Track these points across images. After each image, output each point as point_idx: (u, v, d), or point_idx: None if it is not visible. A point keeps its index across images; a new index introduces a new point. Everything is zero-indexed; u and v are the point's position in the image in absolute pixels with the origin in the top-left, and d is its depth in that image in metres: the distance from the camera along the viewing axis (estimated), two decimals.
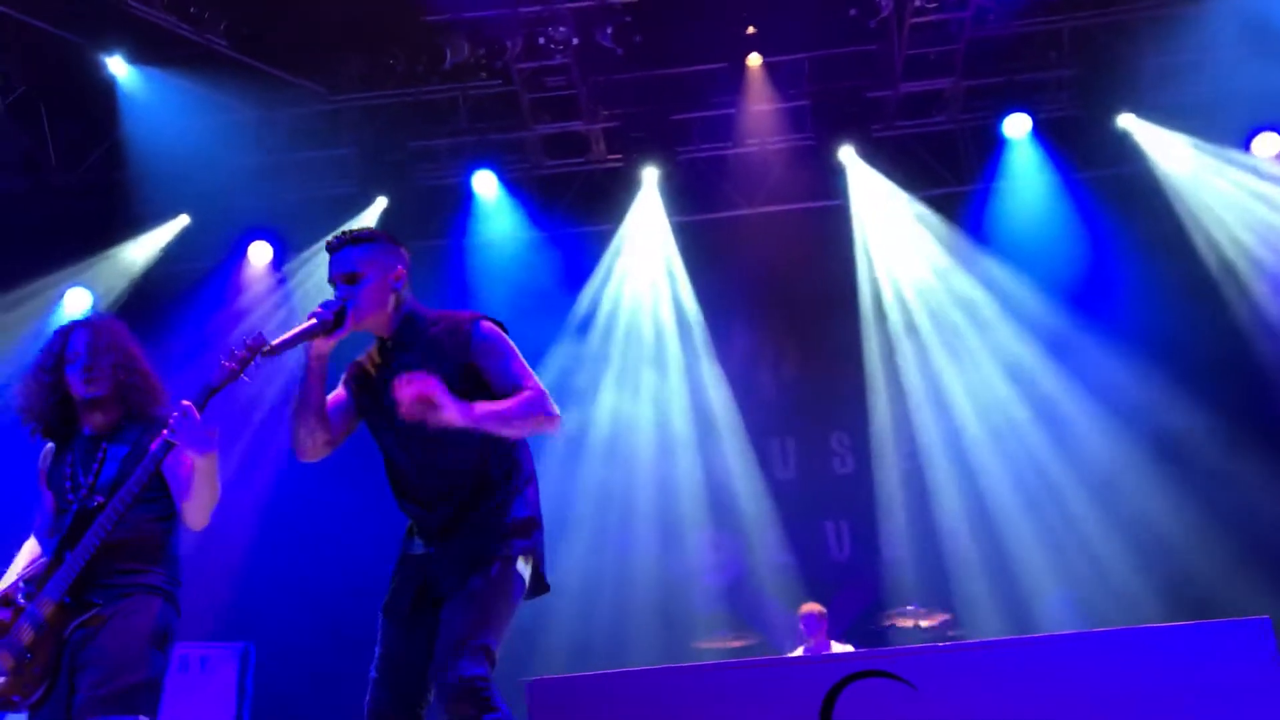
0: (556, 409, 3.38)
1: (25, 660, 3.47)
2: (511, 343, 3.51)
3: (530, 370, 3.44)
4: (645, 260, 10.04)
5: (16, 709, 3.51)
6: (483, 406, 3.24)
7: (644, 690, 3.00)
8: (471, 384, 3.36)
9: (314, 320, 3.36)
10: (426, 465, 3.41)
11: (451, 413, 3.15)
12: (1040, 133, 9.43)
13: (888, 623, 8.26)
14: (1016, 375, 9.40)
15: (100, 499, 3.56)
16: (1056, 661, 3.67)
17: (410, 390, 3.14)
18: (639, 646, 8.62)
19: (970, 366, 9.52)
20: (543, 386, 3.39)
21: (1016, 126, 9.43)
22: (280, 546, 9.02)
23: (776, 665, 3.54)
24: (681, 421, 9.71)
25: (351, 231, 3.57)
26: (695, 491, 9.52)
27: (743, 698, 3.06)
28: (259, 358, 3.34)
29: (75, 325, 3.84)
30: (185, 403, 3.41)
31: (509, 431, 3.35)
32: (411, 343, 3.48)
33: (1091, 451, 9.07)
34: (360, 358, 3.59)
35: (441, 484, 3.39)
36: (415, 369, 3.28)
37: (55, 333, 3.84)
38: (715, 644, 8.49)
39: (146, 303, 9.44)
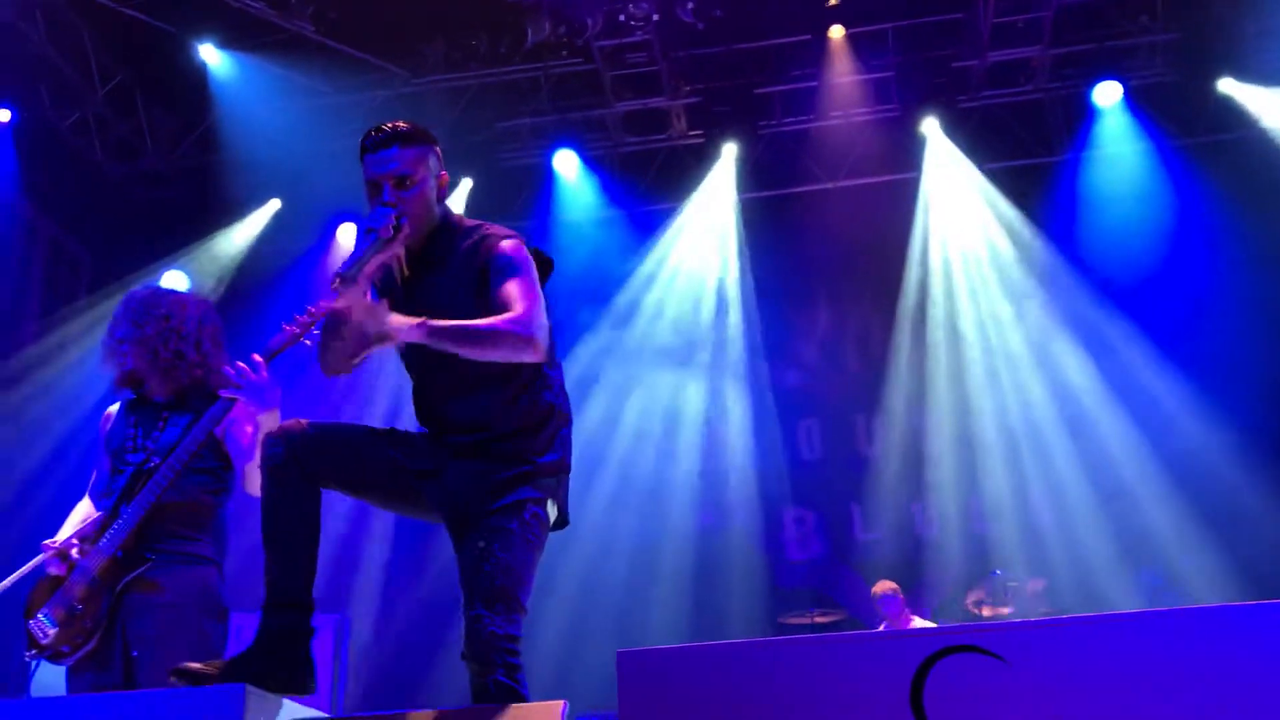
0: (541, 336, 2.99)
1: (76, 613, 3.52)
2: (528, 267, 3.12)
3: (536, 296, 3.05)
4: (727, 235, 9.98)
5: (65, 659, 3.56)
6: (444, 322, 2.91)
7: (735, 663, 3.01)
8: (482, 301, 3.07)
9: (373, 236, 3.00)
10: (453, 388, 3.14)
11: (399, 325, 2.85)
12: (1133, 100, 9.17)
13: (974, 598, 8.17)
14: (1099, 351, 9.16)
15: (156, 460, 3.61)
16: (1154, 638, 3.57)
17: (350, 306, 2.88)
18: (725, 622, 8.66)
19: (1051, 340, 9.31)
20: (537, 315, 3.00)
21: (1107, 94, 9.19)
22: (375, 515, 9.22)
23: (868, 639, 3.53)
24: (764, 398, 9.68)
25: (397, 126, 3.19)
26: (780, 469, 9.50)
27: (834, 672, 3.05)
28: (339, 285, 2.95)
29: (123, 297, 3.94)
30: (255, 357, 3.43)
31: (475, 351, 2.96)
32: (444, 257, 3.15)
33: (1178, 432, 8.78)
34: (392, 265, 3.14)
35: (469, 411, 3.13)
36: (444, 288, 3.08)
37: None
38: (801, 620, 8.49)
39: (241, 285, 9.70)
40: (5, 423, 8.19)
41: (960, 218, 9.66)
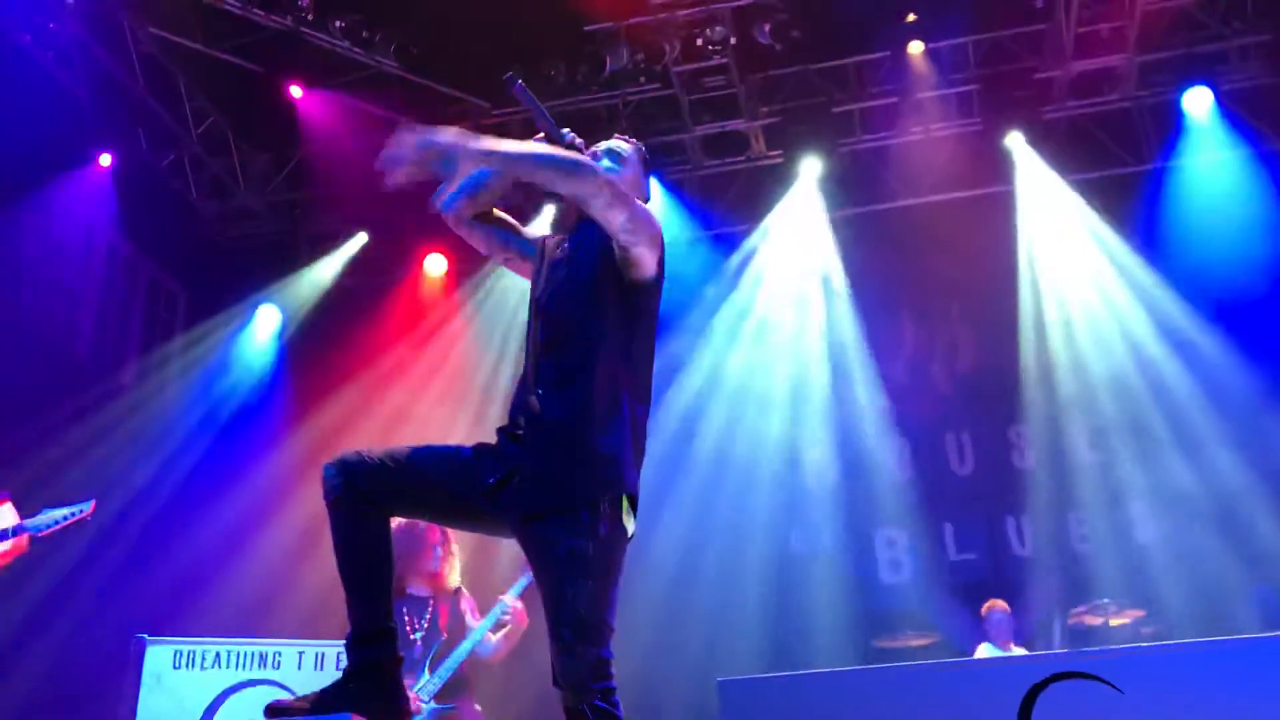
0: (617, 183, 3.08)
1: None
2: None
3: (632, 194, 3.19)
4: (811, 253, 9.92)
5: None
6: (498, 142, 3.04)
7: (836, 691, 2.99)
8: (613, 276, 3.14)
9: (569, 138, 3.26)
10: (544, 344, 3.16)
11: (446, 140, 2.97)
12: (1225, 105, 8.94)
13: (1074, 620, 7.98)
14: (1194, 364, 8.89)
15: None
16: (1268, 663, 3.47)
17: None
18: (820, 646, 8.56)
19: (1150, 351, 9.08)
20: (620, 183, 3.14)
21: (1197, 101, 8.98)
22: None
23: (971, 666, 3.48)
24: (852, 419, 9.59)
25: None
26: (871, 490, 9.38)
27: (937, 699, 3.02)
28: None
29: None
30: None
31: (532, 171, 3.10)
32: (585, 234, 3.25)
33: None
34: (549, 236, 3.46)
35: (550, 371, 3.10)
36: (575, 254, 3.22)
37: None
38: (896, 643, 8.37)
39: (331, 318, 9.90)
40: (115, 455, 8.46)
41: (1059, 230, 9.45)
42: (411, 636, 5.24)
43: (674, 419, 9.29)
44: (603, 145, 3.44)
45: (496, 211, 3.53)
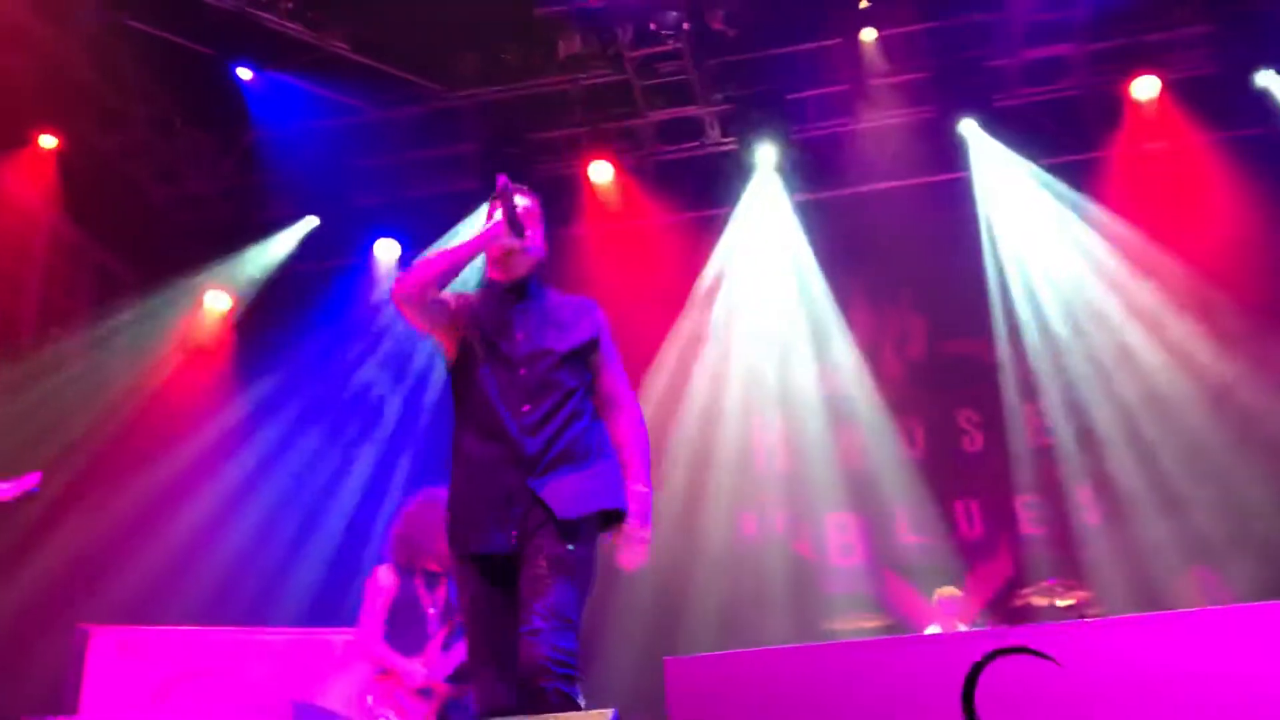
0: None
1: None
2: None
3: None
4: (765, 241, 9.97)
5: None
6: (639, 494, 3.57)
7: (783, 668, 3.01)
8: (587, 358, 3.60)
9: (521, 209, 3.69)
10: (528, 395, 3.47)
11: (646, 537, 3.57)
12: (1172, 94, 9.07)
13: (1022, 601, 8.10)
14: (1160, 348, 9.03)
15: None
16: (1207, 637, 3.53)
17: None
18: (770, 629, 8.61)
19: (1109, 339, 9.21)
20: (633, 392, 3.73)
21: (1145, 89, 9.10)
22: None
23: (917, 643, 3.51)
24: (806, 403, 9.64)
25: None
26: (823, 474, 9.45)
27: (884, 676, 3.05)
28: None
29: None
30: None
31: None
32: (534, 298, 3.66)
33: (1251, 427, 8.61)
34: (471, 295, 3.71)
35: (537, 419, 3.46)
36: (538, 320, 3.59)
37: None
38: (847, 625, 8.44)
39: (280, 302, 9.80)
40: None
41: (1020, 214, 9.55)
42: (429, 611, 5.24)
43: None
44: (607, 329, 3.79)
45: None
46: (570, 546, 3.30)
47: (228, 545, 8.73)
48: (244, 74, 9.19)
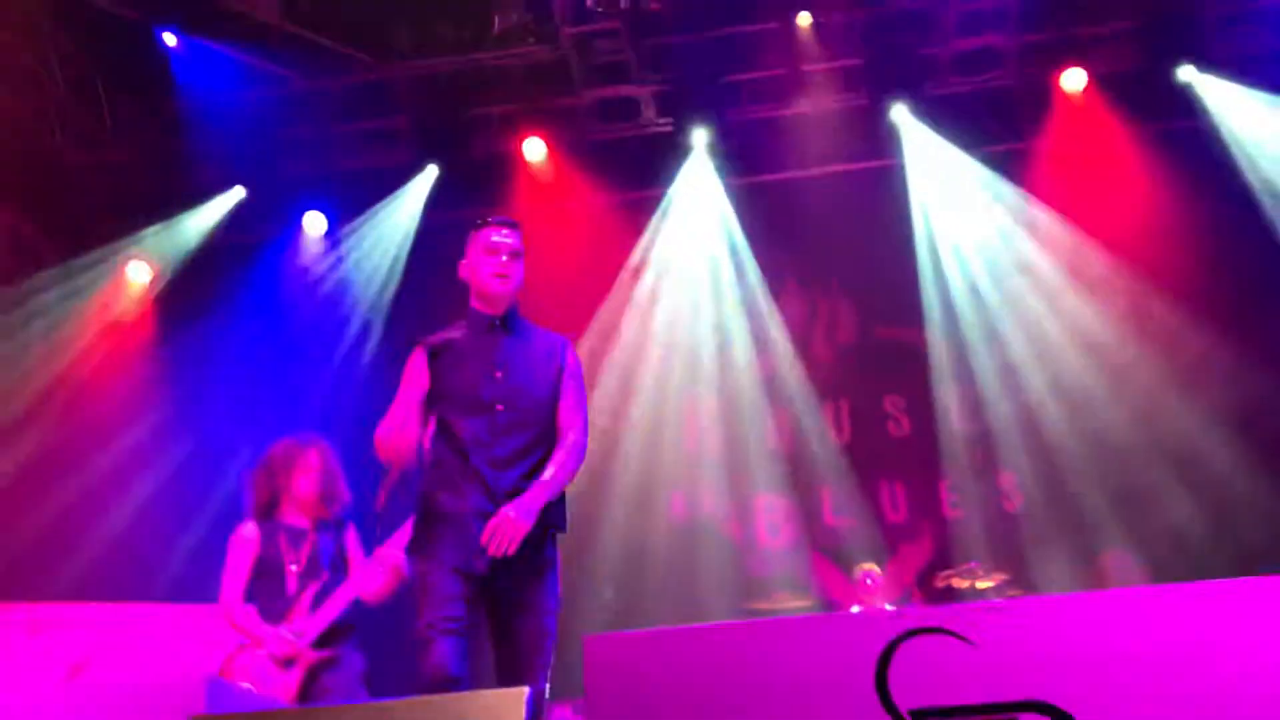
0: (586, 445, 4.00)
1: None
2: (582, 375, 4.12)
3: (586, 405, 4.04)
4: (698, 223, 9.96)
5: None
6: (542, 491, 3.81)
7: (701, 646, 3.01)
8: (555, 396, 3.92)
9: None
10: (506, 430, 3.83)
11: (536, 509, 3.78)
12: (1098, 86, 9.22)
13: (944, 583, 8.22)
14: (1082, 337, 9.21)
15: None
16: (1117, 617, 3.58)
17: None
18: (692, 608, 8.66)
19: (1032, 326, 9.35)
20: (586, 425, 4.00)
21: (1073, 81, 9.24)
22: None
23: (833, 621, 3.54)
24: (735, 387, 9.68)
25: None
26: (750, 456, 9.50)
27: (799, 653, 3.06)
28: None
29: None
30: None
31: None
32: (514, 330, 3.98)
33: (1161, 415, 8.80)
34: (437, 338, 3.91)
35: (516, 450, 3.84)
36: (522, 353, 3.92)
37: None
38: (771, 605, 8.51)
39: (204, 274, 9.59)
40: None
41: (951, 201, 9.64)
42: (290, 568, 5.00)
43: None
44: (572, 359, 4.21)
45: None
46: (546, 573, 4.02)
47: (144, 519, 8.52)
48: (169, 39, 8.96)
